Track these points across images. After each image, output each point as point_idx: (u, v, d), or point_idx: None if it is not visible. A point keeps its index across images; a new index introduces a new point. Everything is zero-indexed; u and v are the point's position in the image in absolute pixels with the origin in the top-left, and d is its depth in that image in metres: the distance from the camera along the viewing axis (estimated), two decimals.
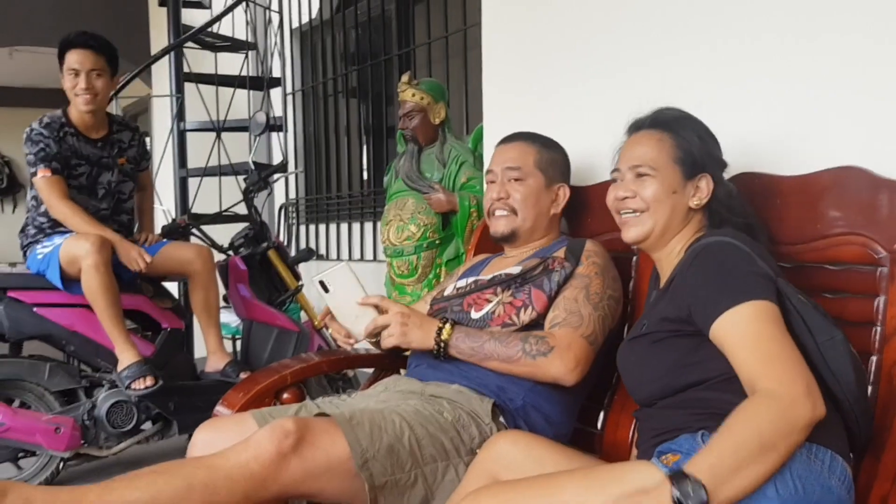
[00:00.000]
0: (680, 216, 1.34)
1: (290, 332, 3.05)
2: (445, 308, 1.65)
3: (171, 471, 1.20)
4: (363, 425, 1.32)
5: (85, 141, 2.75)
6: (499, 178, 1.73)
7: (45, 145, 2.63)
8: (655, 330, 1.27)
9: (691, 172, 1.33)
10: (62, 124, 2.70)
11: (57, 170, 2.63)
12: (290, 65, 4.86)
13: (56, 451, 2.59)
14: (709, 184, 1.33)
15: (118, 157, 2.85)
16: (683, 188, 1.34)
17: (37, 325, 2.67)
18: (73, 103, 2.72)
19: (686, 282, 1.23)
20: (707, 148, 1.35)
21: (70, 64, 2.66)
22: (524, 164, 1.72)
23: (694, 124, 1.37)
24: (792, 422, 1.03)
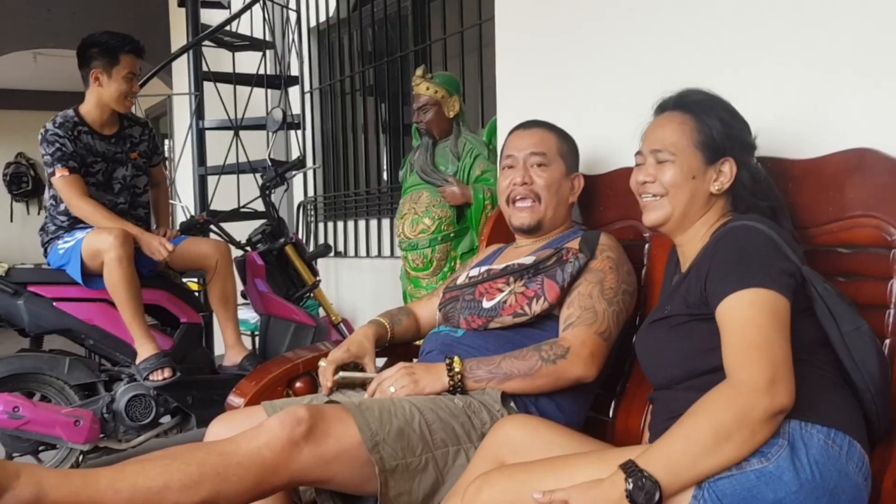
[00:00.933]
0: (700, 201, 1.32)
1: (307, 327, 3.06)
2: (458, 297, 1.65)
3: (183, 457, 1.21)
4: (373, 410, 1.32)
5: (99, 138, 2.79)
6: (520, 164, 1.70)
7: (60, 145, 2.67)
8: (677, 313, 1.25)
9: (713, 157, 1.31)
10: (75, 123, 2.75)
11: (74, 168, 2.67)
12: (307, 63, 4.89)
13: (75, 443, 2.63)
14: (732, 168, 1.30)
15: (130, 151, 2.90)
16: (704, 173, 1.31)
17: (57, 319, 2.71)
18: (114, 104, 2.77)
19: (707, 264, 1.22)
20: (731, 131, 1.31)
21: (130, 67, 2.76)
22: (548, 150, 1.70)
23: (719, 106, 1.34)
24: (746, 413, 1.03)
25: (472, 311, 1.59)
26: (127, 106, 2.81)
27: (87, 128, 2.77)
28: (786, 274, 1.15)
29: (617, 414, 1.63)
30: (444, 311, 1.68)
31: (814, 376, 1.15)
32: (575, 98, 2.03)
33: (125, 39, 2.77)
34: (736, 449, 1.03)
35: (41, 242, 2.86)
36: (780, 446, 1.06)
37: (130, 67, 2.75)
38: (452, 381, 1.45)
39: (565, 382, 1.47)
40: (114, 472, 1.17)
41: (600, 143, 1.92)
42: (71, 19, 6.59)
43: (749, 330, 1.10)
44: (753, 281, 1.13)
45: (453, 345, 1.59)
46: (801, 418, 1.08)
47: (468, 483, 1.20)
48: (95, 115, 2.78)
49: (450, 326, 1.65)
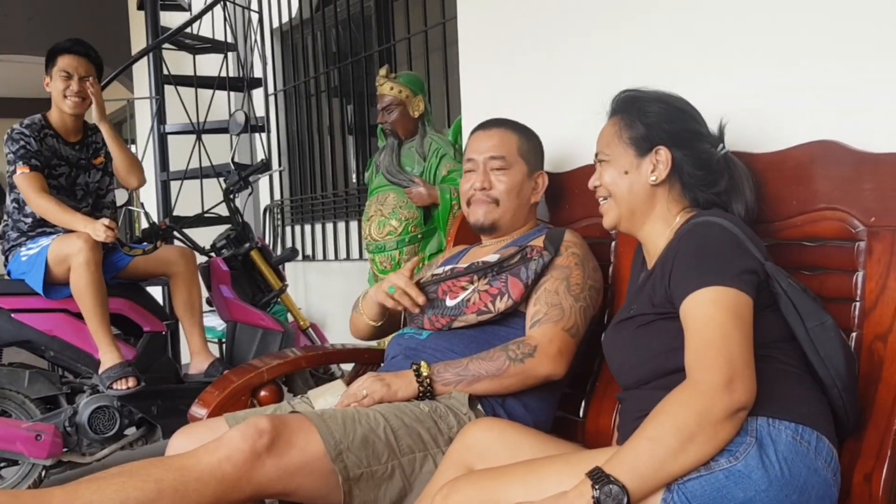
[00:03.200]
0: (641, 195, 1.32)
1: (274, 333, 3.01)
2: None
3: (140, 473, 1.17)
4: (336, 418, 1.29)
5: (64, 143, 2.77)
6: (480, 167, 1.68)
7: (25, 143, 2.63)
8: (643, 312, 1.24)
9: (645, 148, 1.31)
10: (42, 126, 2.72)
11: (36, 167, 2.63)
12: (271, 64, 4.83)
13: (38, 458, 2.56)
14: (666, 156, 1.29)
15: (93, 157, 2.86)
16: (638, 167, 1.32)
17: (15, 331, 2.63)
18: (60, 105, 2.73)
19: (670, 263, 1.21)
20: (664, 121, 1.32)
21: (63, 67, 2.69)
22: (508, 153, 1.68)
23: (652, 99, 1.34)
24: (706, 412, 1.02)
25: (434, 311, 1.56)
26: (68, 105, 2.71)
27: (53, 132, 2.74)
28: (747, 271, 1.14)
29: (587, 413, 1.62)
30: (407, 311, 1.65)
31: (780, 373, 1.14)
32: (539, 96, 2.02)
33: (67, 41, 2.74)
34: (700, 449, 1.02)
35: (1, 251, 2.79)
36: (747, 444, 1.05)
37: (63, 65, 2.69)
38: (422, 386, 1.42)
39: (534, 381, 1.45)
40: (67, 492, 1.13)
41: (566, 140, 1.90)
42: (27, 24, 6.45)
43: (708, 328, 1.09)
44: (714, 279, 1.12)
45: (418, 349, 1.56)
46: (768, 415, 1.08)
47: (435, 489, 1.17)
48: (59, 121, 2.76)
49: (414, 328, 1.62)
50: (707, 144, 1.32)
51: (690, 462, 1.02)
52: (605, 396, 1.59)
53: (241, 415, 1.52)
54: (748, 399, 1.05)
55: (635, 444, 1.05)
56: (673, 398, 1.06)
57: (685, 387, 1.07)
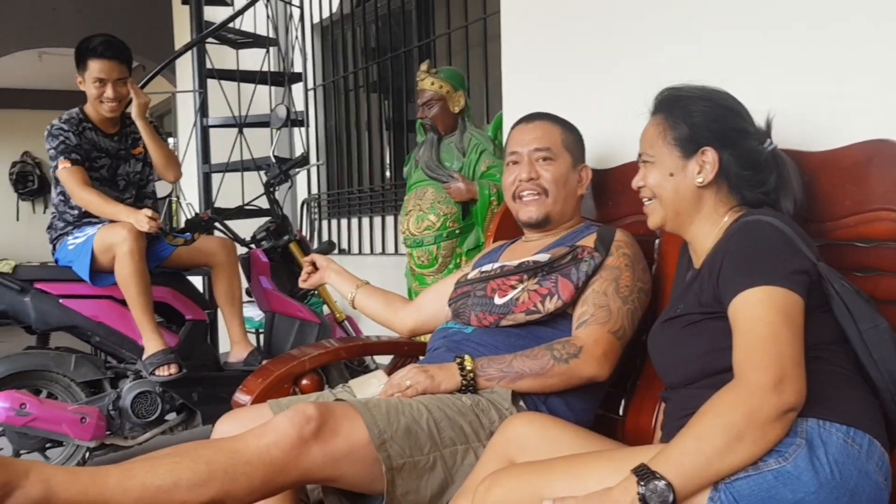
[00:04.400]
0: (688, 196, 1.30)
1: (311, 324, 3.05)
2: (468, 292, 1.62)
3: (192, 455, 1.19)
4: (380, 408, 1.30)
5: (103, 135, 2.83)
6: (525, 159, 1.68)
7: (64, 138, 2.69)
8: (690, 312, 1.23)
9: (691, 150, 1.30)
10: (80, 119, 2.78)
11: (77, 160, 2.69)
12: (311, 60, 4.87)
13: (82, 440, 2.62)
14: (713, 157, 1.28)
15: (133, 147, 2.92)
16: (683, 168, 1.30)
17: (63, 316, 2.71)
18: (96, 108, 2.78)
19: (719, 262, 1.20)
20: (710, 120, 1.30)
21: (95, 73, 2.72)
22: (553, 144, 1.67)
23: (697, 98, 1.32)
24: (755, 412, 1.01)
25: (483, 308, 1.57)
26: (104, 110, 2.77)
27: (91, 125, 2.80)
28: (798, 271, 1.13)
29: (627, 412, 1.61)
30: (454, 306, 1.66)
31: (832, 374, 1.13)
32: (584, 91, 2.01)
33: (97, 43, 2.73)
34: (748, 449, 1.01)
35: (49, 240, 2.86)
36: (797, 445, 1.03)
37: (97, 73, 2.71)
38: (465, 380, 1.43)
39: (577, 382, 1.45)
40: (122, 470, 1.15)
41: (609, 137, 1.89)
42: (76, 18, 6.58)
43: (757, 328, 1.08)
44: (764, 278, 1.11)
45: (462, 342, 1.57)
46: (818, 416, 1.06)
47: (477, 481, 1.18)
48: (96, 114, 2.81)
49: (460, 323, 1.63)
50: (754, 142, 1.30)
51: (738, 462, 1.01)
52: (646, 395, 1.57)
53: (285, 402, 1.54)
54: (798, 400, 1.04)
55: (682, 441, 1.04)
56: (721, 397, 1.05)
57: (734, 386, 1.06)
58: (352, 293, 1.89)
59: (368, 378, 1.61)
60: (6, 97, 9.59)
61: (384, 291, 1.91)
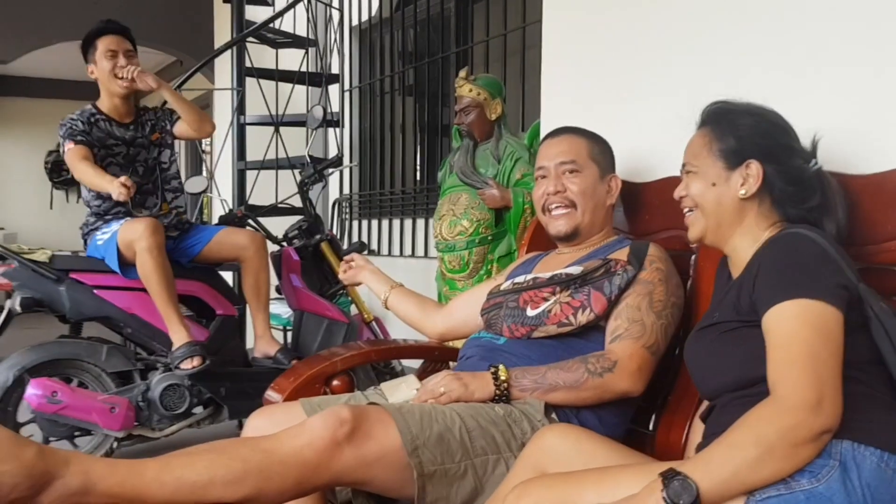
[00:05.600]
0: (730, 208, 1.30)
1: (340, 324, 3.06)
2: (501, 303, 1.63)
3: (228, 452, 1.20)
4: (413, 414, 1.31)
5: (117, 125, 2.84)
6: (552, 173, 1.69)
7: (71, 125, 2.72)
8: (727, 319, 1.23)
9: (735, 162, 1.29)
10: (92, 113, 2.80)
11: (81, 141, 2.70)
12: (348, 62, 4.91)
13: (111, 430, 2.65)
14: (757, 170, 1.27)
15: (151, 133, 2.93)
16: (727, 180, 1.30)
17: (96, 306, 2.74)
18: (110, 86, 2.78)
19: (756, 270, 1.19)
20: (756, 134, 1.30)
21: (108, 46, 2.75)
22: (578, 156, 1.68)
23: (744, 112, 1.33)
24: (792, 430, 1.01)
25: (515, 320, 1.57)
26: (121, 86, 2.76)
27: (104, 117, 2.82)
28: (838, 286, 1.11)
29: (658, 427, 1.60)
30: (486, 316, 1.67)
31: (866, 396, 1.11)
32: (621, 104, 2.01)
33: (102, 23, 2.79)
34: (778, 465, 1.01)
35: (81, 235, 2.90)
36: (831, 467, 1.03)
37: (107, 45, 2.75)
38: (498, 390, 1.43)
39: (611, 396, 1.45)
40: (160, 463, 1.17)
41: (646, 150, 1.89)
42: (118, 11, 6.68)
43: (794, 344, 1.07)
44: (801, 291, 1.10)
45: (495, 352, 1.57)
46: (853, 439, 1.05)
47: (507, 490, 1.18)
48: (109, 105, 2.83)
49: (492, 333, 1.63)
50: (800, 160, 1.30)
51: (766, 476, 1.01)
52: (677, 411, 1.57)
53: (317, 401, 1.55)
54: (835, 422, 1.03)
55: (713, 448, 1.04)
56: (758, 412, 1.05)
57: (771, 402, 1.05)
58: (385, 294, 1.91)
59: (400, 382, 1.62)
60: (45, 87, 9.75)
61: (417, 295, 1.92)
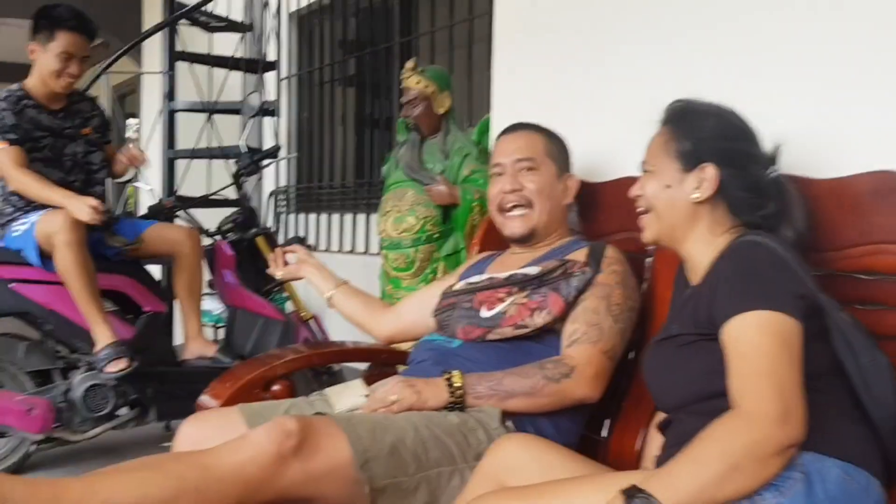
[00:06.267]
0: (682, 211, 1.27)
1: (275, 322, 2.95)
2: (455, 304, 1.56)
3: (161, 468, 1.11)
4: (364, 424, 1.23)
5: (46, 112, 2.66)
6: (508, 170, 1.64)
7: (1, 117, 2.53)
8: (684, 332, 1.19)
9: (691, 163, 1.26)
10: (20, 97, 2.61)
11: (14, 140, 2.53)
12: (286, 49, 4.75)
13: (28, 432, 2.50)
14: (713, 174, 1.24)
15: (81, 127, 2.76)
16: (681, 181, 1.26)
17: (13, 301, 2.56)
18: (49, 82, 2.61)
19: (714, 282, 1.16)
20: (715, 137, 1.26)
21: (65, 46, 2.57)
22: (535, 153, 1.63)
23: (706, 114, 1.29)
24: (758, 444, 0.98)
25: (469, 321, 1.51)
26: (60, 85, 2.61)
27: (32, 101, 2.62)
28: (796, 295, 1.09)
29: (611, 434, 1.56)
30: (439, 318, 1.60)
31: (828, 407, 1.10)
32: (576, 102, 1.97)
33: (71, 15, 2.58)
34: (745, 481, 0.98)
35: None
36: (795, 479, 1.00)
37: (65, 46, 2.56)
38: (453, 397, 1.37)
39: (568, 402, 1.40)
40: (85, 484, 1.06)
41: (602, 149, 1.85)
42: None
43: (755, 356, 1.04)
44: (759, 302, 1.07)
45: (448, 356, 1.51)
46: (816, 450, 1.03)
47: None
48: (40, 89, 2.64)
49: (445, 335, 1.57)
50: (758, 166, 1.27)
51: (731, 492, 0.97)
52: (631, 417, 1.54)
53: (257, 407, 1.47)
54: (801, 435, 1.00)
55: (677, 465, 1.00)
56: (722, 425, 1.01)
57: (735, 416, 1.02)
58: (330, 292, 1.81)
59: (346, 387, 1.54)
60: None
61: (365, 294, 1.84)
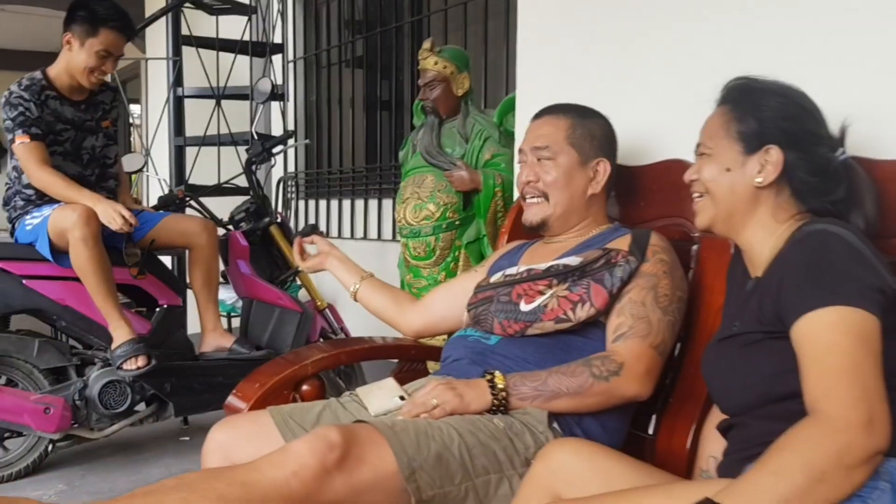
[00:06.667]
0: (743, 197, 1.19)
1: (292, 313, 2.88)
2: (491, 297, 1.49)
3: (199, 488, 1.04)
4: (408, 432, 1.16)
5: (68, 104, 2.59)
6: (529, 159, 1.57)
7: (24, 109, 2.46)
8: (749, 331, 1.12)
9: (754, 146, 1.18)
10: (43, 86, 2.53)
11: (37, 135, 2.46)
12: (291, 30, 4.64)
13: (45, 432, 2.45)
14: (778, 157, 1.16)
15: (101, 119, 2.69)
16: (743, 165, 1.19)
17: (26, 298, 2.50)
18: (78, 76, 2.54)
19: (780, 275, 1.08)
20: (781, 118, 1.18)
21: (106, 45, 2.51)
22: (553, 142, 1.55)
23: (771, 92, 1.21)
24: (844, 452, 0.91)
25: (508, 315, 1.43)
26: (90, 82, 2.55)
27: (55, 92, 2.55)
28: (873, 288, 1.01)
29: (658, 431, 1.49)
30: (473, 312, 1.52)
31: None
32: (610, 79, 1.87)
33: (116, 14, 2.53)
34: (830, 492, 0.91)
35: (8, 219, 2.64)
36: (881, 490, 0.94)
37: (107, 44, 2.51)
38: (496, 399, 1.30)
39: (617, 401, 1.33)
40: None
41: (642, 131, 1.76)
42: None
43: (833, 356, 0.97)
44: (835, 297, 1.00)
45: (486, 353, 1.43)
46: None
47: None
48: (65, 79, 2.57)
49: (481, 331, 1.49)
50: (825, 148, 1.19)
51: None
52: (679, 413, 1.46)
53: (288, 409, 1.40)
54: (887, 441, 0.93)
55: (755, 477, 0.93)
56: (802, 432, 0.94)
57: (816, 422, 0.95)
58: (355, 285, 1.74)
59: (377, 387, 1.47)
60: None
61: (391, 287, 1.77)
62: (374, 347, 1.72)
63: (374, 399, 1.43)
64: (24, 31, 7.12)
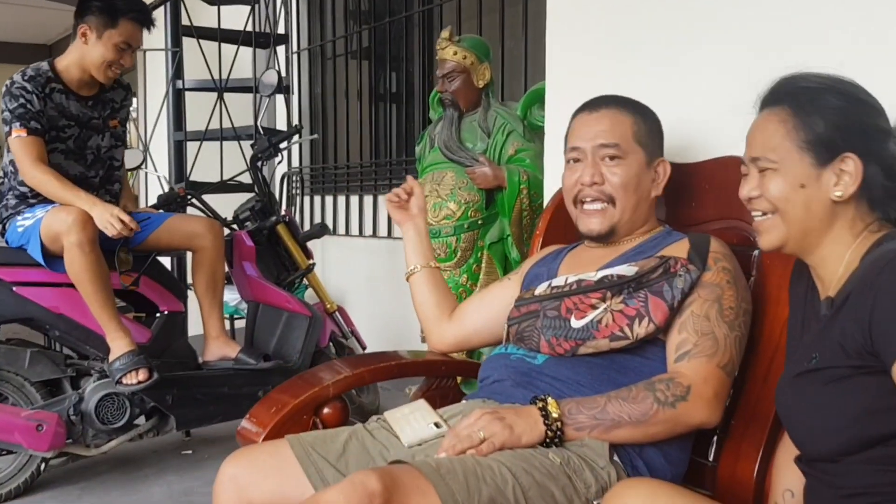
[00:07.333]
0: (820, 213, 1.04)
1: (301, 317, 2.72)
2: (537, 311, 1.32)
3: None
4: (456, 475, 1.01)
5: (75, 99, 2.42)
6: (589, 158, 1.39)
7: (26, 101, 2.30)
8: (834, 365, 0.97)
9: (827, 156, 1.03)
10: (49, 79, 2.37)
11: (35, 130, 2.30)
12: (295, 21, 4.48)
13: (38, 451, 2.29)
14: (856, 166, 1.01)
15: (110, 118, 2.53)
16: (818, 178, 1.03)
17: (17, 306, 2.33)
18: (93, 70, 2.40)
19: (869, 302, 0.93)
20: (848, 119, 1.03)
21: (126, 37, 2.38)
22: (622, 139, 1.38)
23: (829, 90, 1.05)
24: None
25: (557, 332, 1.27)
26: (108, 77, 2.42)
27: (61, 86, 2.39)
28: None
29: (720, 457, 1.34)
30: (516, 328, 1.36)
31: None
32: (653, 68, 1.71)
33: (135, 4, 2.41)
34: None
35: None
36: None
37: (127, 37, 2.37)
38: (550, 431, 1.14)
39: (683, 429, 1.18)
40: None
41: (689, 125, 1.61)
42: None
43: None
44: None
45: (532, 375, 1.28)
46: None
47: None
48: (74, 73, 2.41)
49: (525, 349, 1.33)
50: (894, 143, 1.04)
51: None
52: (743, 438, 1.31)
53: (309, 438, 1.25)
54: None
55: None
56: None
57: None
58: (416, 267, 1.60)
59: (411, 412, 1.31)
60: None
61: (445, 289, 1.62)
62: (400, 364, 1.55)
63: (406, 427, 1.27)
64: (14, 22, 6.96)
